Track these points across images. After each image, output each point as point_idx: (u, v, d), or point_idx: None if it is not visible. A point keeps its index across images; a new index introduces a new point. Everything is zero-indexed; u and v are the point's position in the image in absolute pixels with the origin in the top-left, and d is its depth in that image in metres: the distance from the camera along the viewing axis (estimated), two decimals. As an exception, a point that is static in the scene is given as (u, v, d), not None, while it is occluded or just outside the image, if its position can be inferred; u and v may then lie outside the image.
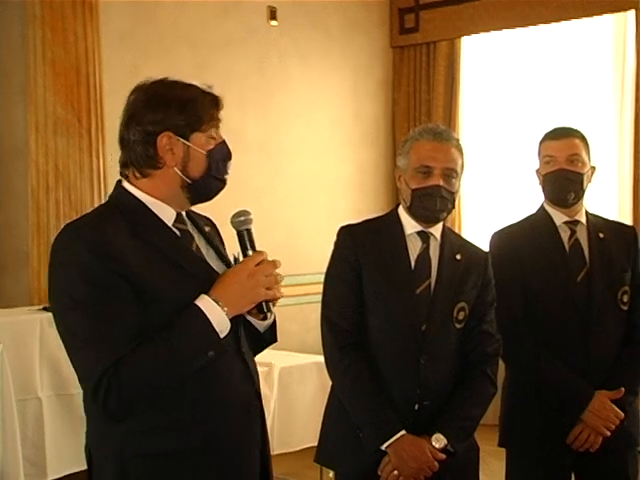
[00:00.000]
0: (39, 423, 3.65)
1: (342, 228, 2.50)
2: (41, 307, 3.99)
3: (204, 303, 1.71)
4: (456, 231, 5.37)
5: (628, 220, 5.09)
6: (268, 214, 5.49)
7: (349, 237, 2.46)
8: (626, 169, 5.35)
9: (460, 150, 2.41)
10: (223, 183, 1.86)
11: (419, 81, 6.23)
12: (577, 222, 2.73)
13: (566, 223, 2.72)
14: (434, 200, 2.35)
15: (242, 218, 1.83)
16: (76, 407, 3.80)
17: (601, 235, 2.72)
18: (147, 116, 1.78)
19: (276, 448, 4.47)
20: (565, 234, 2.71)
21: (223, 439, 1.79)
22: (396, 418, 2.34)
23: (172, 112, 1.78)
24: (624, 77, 5.38)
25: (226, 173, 1.85)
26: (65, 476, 3.75)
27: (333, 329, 2.42)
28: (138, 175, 1.81)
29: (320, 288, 2.50)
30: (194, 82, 1.87)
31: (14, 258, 4.55)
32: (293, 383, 4.39)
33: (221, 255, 1.92)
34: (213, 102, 1.83)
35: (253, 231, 1.84)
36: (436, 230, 2.45)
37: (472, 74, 6.05)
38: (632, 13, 5.22)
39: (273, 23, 5.60)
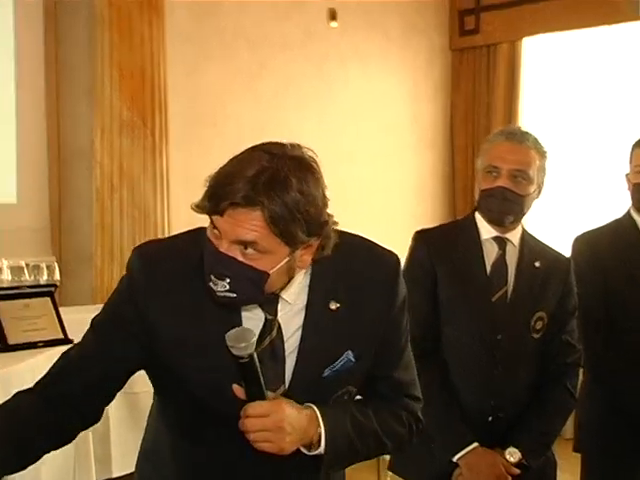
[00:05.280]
0: (105, 420, 3.65)
1: (417, 233, 2.44)
2: (106, 306, 4.03)
3: None
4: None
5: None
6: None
7: (424, 243, 2.40)
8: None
9: (539, 152, 2.31)
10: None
11: (478, 84, 6.17)
12: None
13: None
14: (497, 202, 2.28)
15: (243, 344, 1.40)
16: (141, 406, 3.81)
17: None
18: None
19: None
20: None
21: None
22: (468, 429, 2.28)
23: None
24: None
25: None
26: (129, 474, 3.77)
27: None
28: None
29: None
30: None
31: (78, 257, 4.60)
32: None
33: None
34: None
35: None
36: (513, 235, 2.36)
37: (533, 76, 5.97)
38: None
39: (333, 24, 5.59)
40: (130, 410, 3.79)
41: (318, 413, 1.48)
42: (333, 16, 5.58)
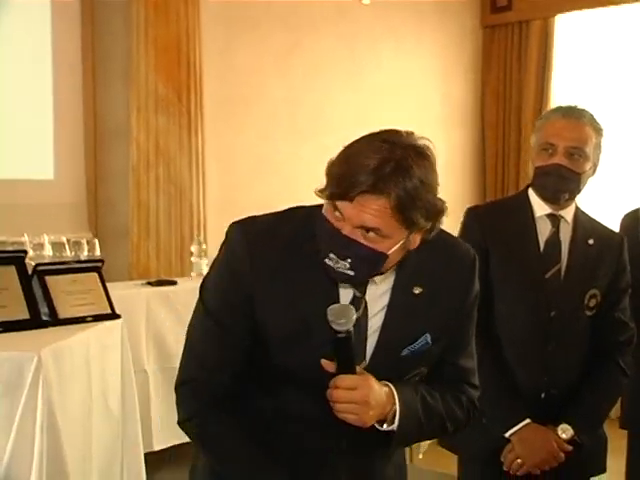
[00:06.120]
0: (145, 395, 3.72)
1: (469, 209, 2.44)
2: (145, 282, 4.06)
3: None
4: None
5: None
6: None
7: (476, 219, 2.40)
8: None
9: (595, 129, 2.29)
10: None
11: (510, 61, 6.12)
12: None
13: None
14: (553, 179, 2.27)
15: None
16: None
17: None
18: None
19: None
20: None
21: None
22: (521, 406, 2.30)
23: None
24: None
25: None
26: (169, 447, 3.83)
27: None
28: None
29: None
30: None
31: (114, 234, 4.63)
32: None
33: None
34: None
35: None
36: (567, 213, 2.36)
37: (566, 54, 5.90)
38: None
39: (365, 2, 5.55)
40: (170, 385, 3.82)
41: (395, 391, 1.55)
42: (365, -7, 5.56)
